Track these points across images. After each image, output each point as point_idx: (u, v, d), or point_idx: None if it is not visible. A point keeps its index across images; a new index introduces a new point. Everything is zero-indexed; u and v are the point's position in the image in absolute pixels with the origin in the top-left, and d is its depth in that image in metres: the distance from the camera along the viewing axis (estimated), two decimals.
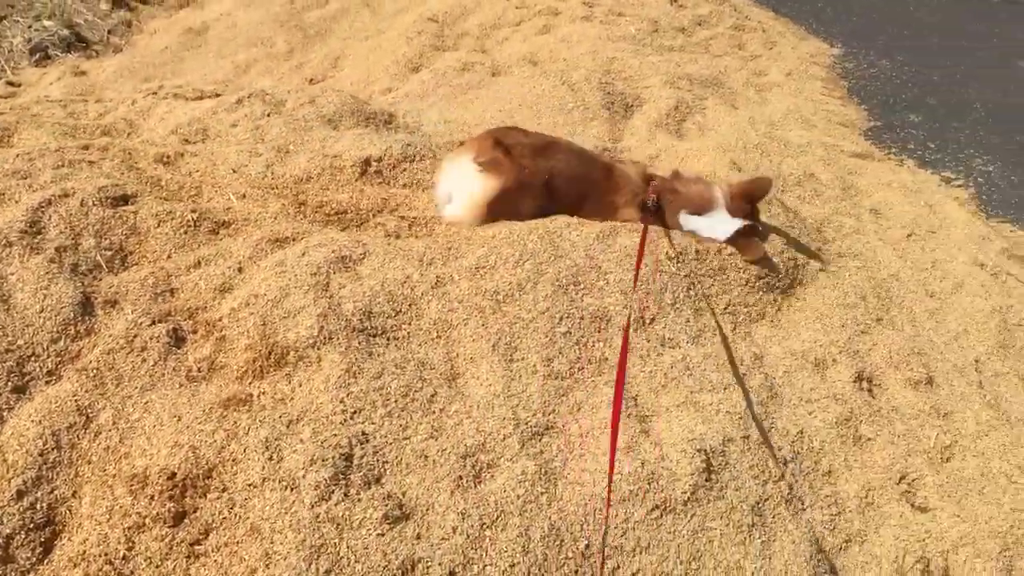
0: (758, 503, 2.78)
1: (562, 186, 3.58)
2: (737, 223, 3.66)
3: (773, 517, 2.78)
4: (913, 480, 3.11)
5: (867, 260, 4.17)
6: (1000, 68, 7.95)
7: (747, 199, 3.75)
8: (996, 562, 2.92)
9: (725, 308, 3.50)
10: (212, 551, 2.27)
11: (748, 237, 3.67)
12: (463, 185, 3.52)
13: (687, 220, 3.68)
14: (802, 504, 2.89)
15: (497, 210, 3.48)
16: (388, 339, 2.90)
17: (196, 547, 2.26)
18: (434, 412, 2.71)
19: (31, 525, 2.27)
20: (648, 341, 3.16)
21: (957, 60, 8.04)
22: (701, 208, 3.69)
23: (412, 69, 6.10)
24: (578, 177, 3.65)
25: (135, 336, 2.71)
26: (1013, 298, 4.19)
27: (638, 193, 3.67)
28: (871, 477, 3.07)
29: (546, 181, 3.53)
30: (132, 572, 2.20)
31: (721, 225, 3.67)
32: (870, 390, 3.43)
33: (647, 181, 3.75)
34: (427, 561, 2.31)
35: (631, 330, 3.14)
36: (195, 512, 2.32)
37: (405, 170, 3.99)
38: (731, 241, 3.67)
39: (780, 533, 2.74)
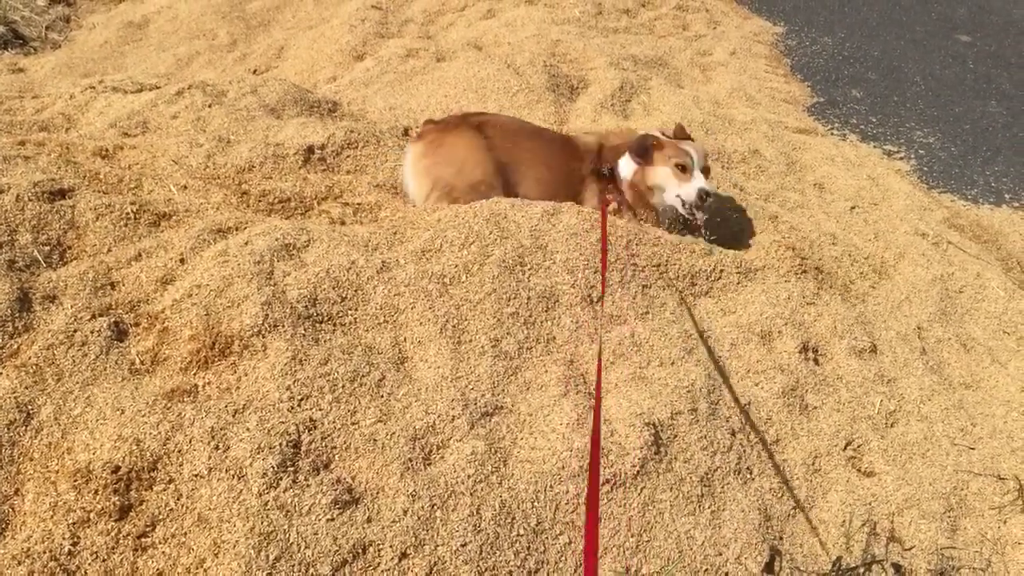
0: (707, 474, 2.81)
1: (501, 136, 3.71)
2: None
3: (722, 487, 2.81)
4: (859, 446, 3.17)
5: (811, 233, 4.22)
6: (938, 41, 8.07)
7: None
8: (940, 522, 2.98)
9: (672, 284, 3.53)
10: (159, 543, 2.24)
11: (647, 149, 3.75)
12: (408, 156, 3.78)
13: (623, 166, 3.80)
14: (751, 473, 2.93)
15: (435, 158, 3.69)
16: (335, 325, 2.89)
17: (143, 540, 2.24)
18: (382, 396, 2.70)
19: None
20: (596, 318, 3.18)
21: (896, 35, 8.16)
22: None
23: (356, 57, 6.06)
24: (522, 132, 3.77)
25: (75, 331, 2.67)
26: (954, 266, 4.27)
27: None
28: (817, 444, 3.12)
29: (478, 127, 3.70)
30: (78, 567, 2.17)
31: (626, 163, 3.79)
32: (815, 360, 3.49)
33: (600, 150, 3.80)
34: (378, 544, 2.31)
35: (580, 308, 3.16)
36: (141, 505, 2.30)
37: (349, 156, 3.97)
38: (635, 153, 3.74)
39: (729, 503, 2.78)
